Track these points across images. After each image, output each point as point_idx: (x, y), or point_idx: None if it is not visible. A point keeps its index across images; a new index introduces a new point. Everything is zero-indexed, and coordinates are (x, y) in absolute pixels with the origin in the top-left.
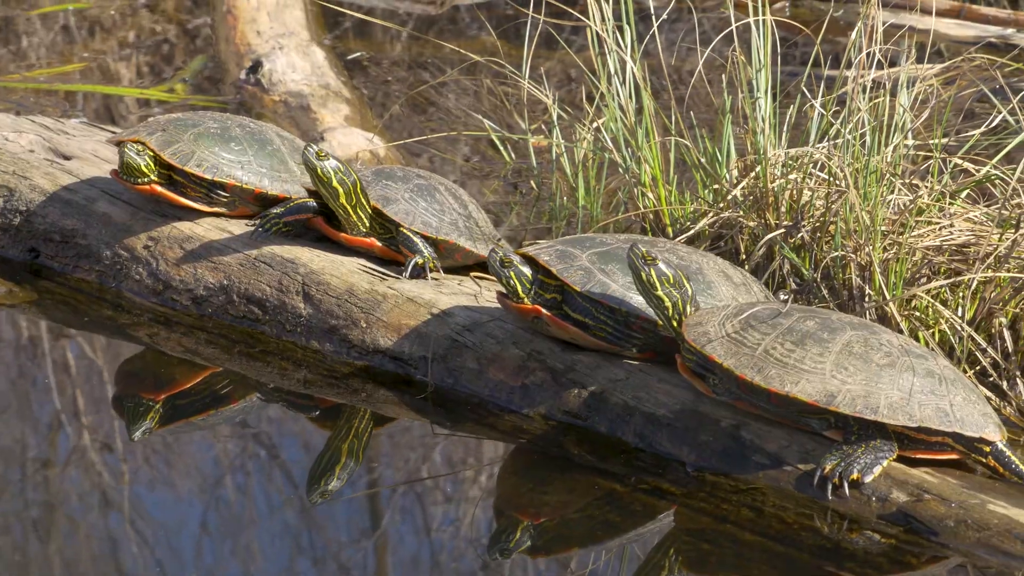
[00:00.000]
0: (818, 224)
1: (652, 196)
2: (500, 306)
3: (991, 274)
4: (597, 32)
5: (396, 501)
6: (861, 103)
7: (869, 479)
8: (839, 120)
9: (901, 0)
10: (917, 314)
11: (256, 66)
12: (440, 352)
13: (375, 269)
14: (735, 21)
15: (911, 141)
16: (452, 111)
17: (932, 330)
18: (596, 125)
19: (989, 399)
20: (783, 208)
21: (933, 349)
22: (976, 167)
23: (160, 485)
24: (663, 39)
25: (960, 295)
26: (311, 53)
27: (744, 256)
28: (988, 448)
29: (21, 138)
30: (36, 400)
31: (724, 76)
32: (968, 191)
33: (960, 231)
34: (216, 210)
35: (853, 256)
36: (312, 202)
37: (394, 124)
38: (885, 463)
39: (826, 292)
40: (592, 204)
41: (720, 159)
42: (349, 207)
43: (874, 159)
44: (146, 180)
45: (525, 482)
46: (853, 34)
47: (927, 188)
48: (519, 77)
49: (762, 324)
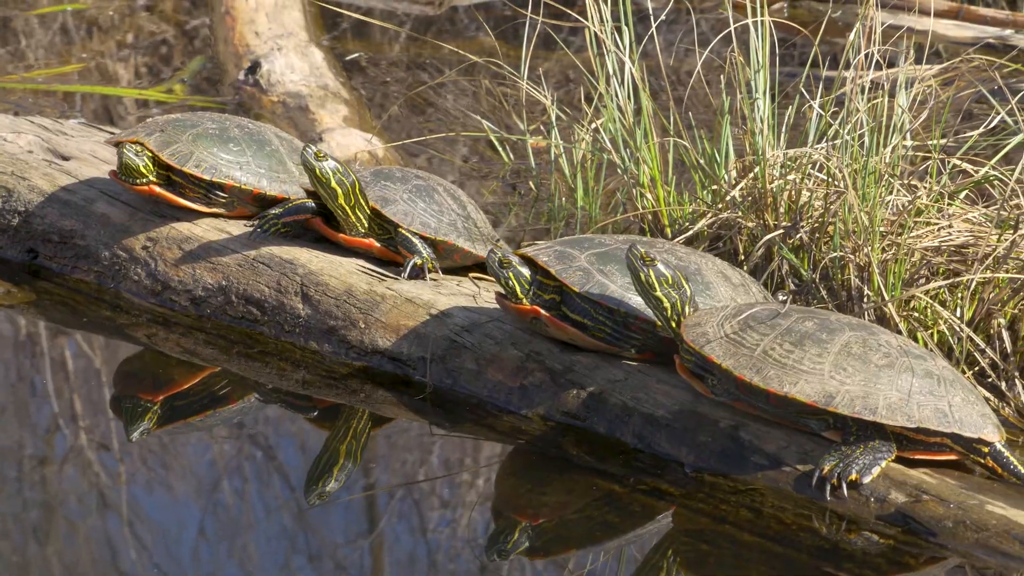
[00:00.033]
0: (817, 225)
1: (651, 197)
2: (499, 307)
3: (990, 275)
4: (595, 33)
5: (394, 502)
6: (860, 104)
7: (868, 480)
8: (838, 121)
9: (899, 1)
10: (916, 315)
11: (254, 67)
12: (439, 353)
13: (374, 270)
14: (733, 22)
15: (909, 142)
16: (450, 112)
17: (931, 331)
18: (595, 126)
19: (988, 400)
20: (782, 209)
21: (932, 350)
22: (975, 168)
23: (158, 486)
24: (661, 40)
25: (959, 296)
26: (309, 54)
27: (743, 257)
28: (987, 449)
29: (19, 139)
30: (35, 401)
31: (722, 77)
32: (967, 192)
33: (959, 232)
34: (215, 211)
35: (852, 257)
36: (311, 203)
37: (392, 125)
38: (884, 464)
39: (825, 293)
40: (591, 205)
41: (719, 160)
42: (348, 208)
43: (873, 160)
44: (145, 181)
45: (524, 483)
46: (851, 35)
47: (926, 189)
48: (517, 78)
49: (761, 325)
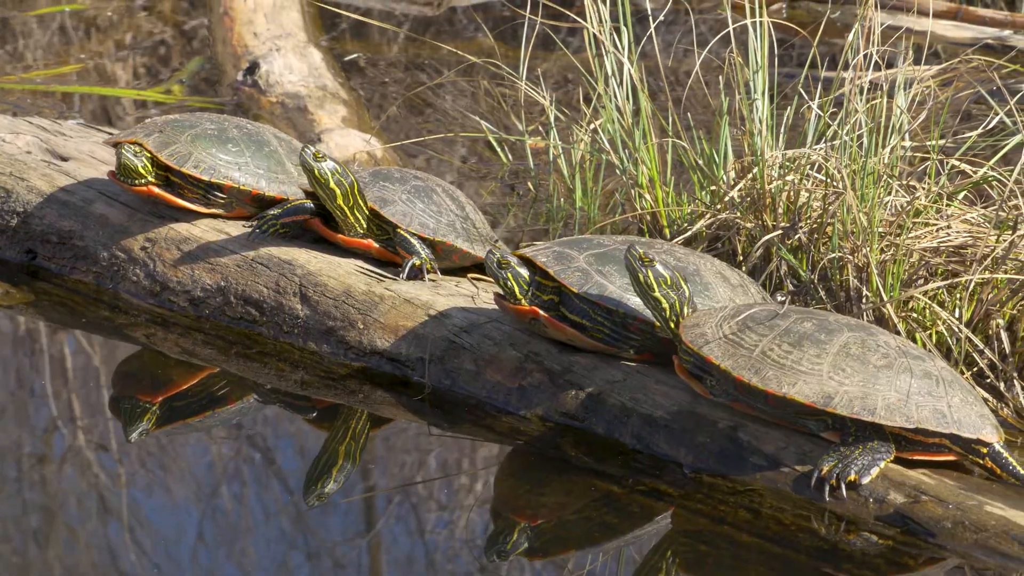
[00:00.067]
0: (815, 225)
1: (649, 197)
2: (497, 307)
3: (988, 275)
4: (594, 34)
5: (393, 503)
6: (858, 104)
7: (866, 480)
8: (836, 122)
9: (898, 2)
10: (914, 315)
11: (253, 67)
12: (437, 353)
13: (372, 270)
14: (732, 23)
15: (908, 143)
16: (449, 112)
17: (929, 331)
18: (593, 126)
19: (986, 400)
20: (780, 209)
21: (930, 350)
22: (973, 169)
23: (157, 487)
24: (660, 41)
25: (957, 296)
26: (308, 54)
27: (741, 257)
28: (985, 449)
29: (18, 139)
30: (33, 401)
31: (721, 78)
32: (965, 192)
33: (957, 233)
34: (213, 211)
35: (850, 257)
36: (309, 203)
37: (391, 125)
38: (882, 464)
39: (823, 293)
40: (589, 205)
41: (717, 160)
42: (346, 208)
43: (871, 160)
44: (143, 181)
45: (522, 483)
46: (850, 35)
47: (924, 190)
48: (516, 78)
49: (759, 326)
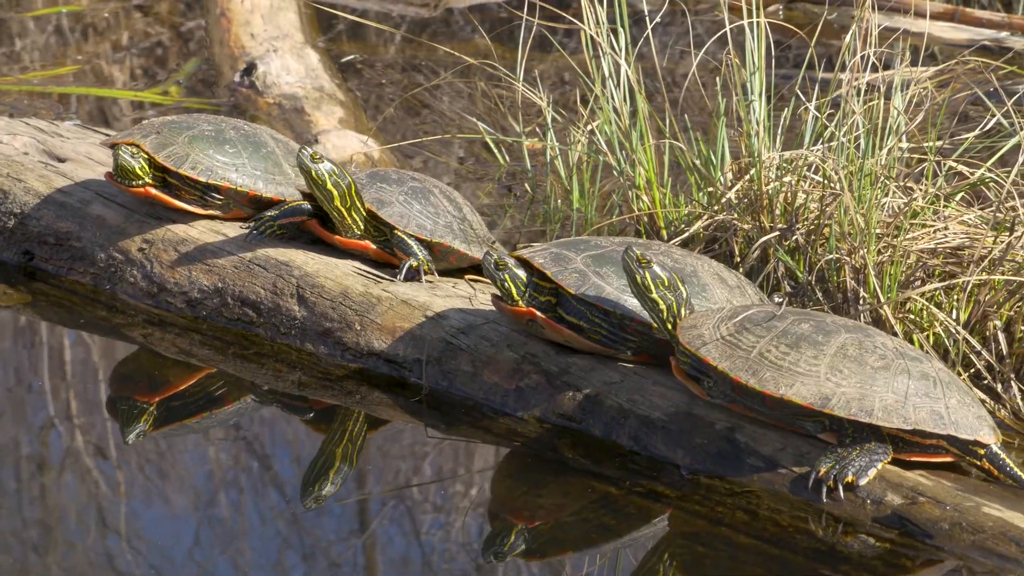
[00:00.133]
0: (812, 227)
1: (646, 199)
2: (495, 309)
3: (985, 277)
4: (591, 35)
5: (390, 505)
6: (855, 106)
7: (864, 482)
8: (833, 123)
9: (895, 3)
10: (912, 317)
11: (250, 68)
12: (434, 355)
13: (369, 272)
14: (729, 24)
15: (905, 144)
16: (446, 114)
17: (927, 333)
18: (590, 128)
19: (984, 402)
20: (777, 211)
21: (928, 352)
22: (970, 170)
23: (154, 488)
24: (657, 42)
25: (955, 298)
26: (305, 55)
27: (739, 259)
28: (983, 451)
29: (15, 140)
30: (31, 402)
31: (718, 79)
32: (962, 194)
33: (954, 234)
34: (210, 213)
35: (848, 259)
36: (306, 205)
37: (388, 126)
38: (880, 466)
39: (820, 295)
40: (586, 207)
41: (715, 162)
42: (344, 210)
43: (868, 162)
44: (140, 183)
45: (519, 485)
46: (847, 37)
47: (921, 191)
48: (513, 80)
49: (757, 327)
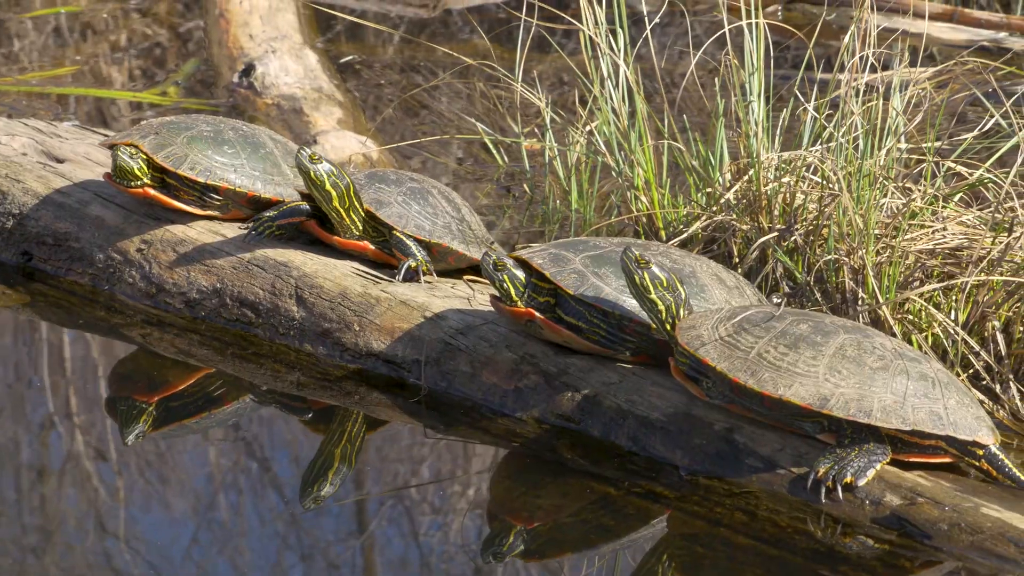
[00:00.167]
0: (811, 227)
1: (645, 200)
2: (493, 309)
3: (984, 277)
4: (590, 36)
5: (388, 505)
6: (854, 107)
7: (862, 483)
8: (832, 123)
9: (894, 4)
10: (910, 317)
11: (249, 69)
12: (433, 355)
13: (368, 272)
14: (728, 24)
15: (904, 145)
16: (445, 114)
17: (925, 333)
18: (589, 128)
19: (982, 402)
20: (776, 211)
21: (926, 352)
22: (969, 171)
23: (152, 489)
24: (655, 43)
25: (953, 298)
26: (304, 56)
27: (737, 259)
28: (981, 451)
29: (14, 141)
30: (29, 403)
31: (717, 80)
32: (961, 195)
33: (953, 234)
34: (209, 213)
35: (846, 259)
36: (305, 205)
37: (387, 127)
38: (878, 467)
39: (819, 295)
40: (585, 208)
41: (713, 162)
42: (342, 210)
43: (867, 163)
44: (139, 183)
45: (518, 486)
46: (846, 38)
47: (920, 192)
48: (512, 80)
49: (755, 327)
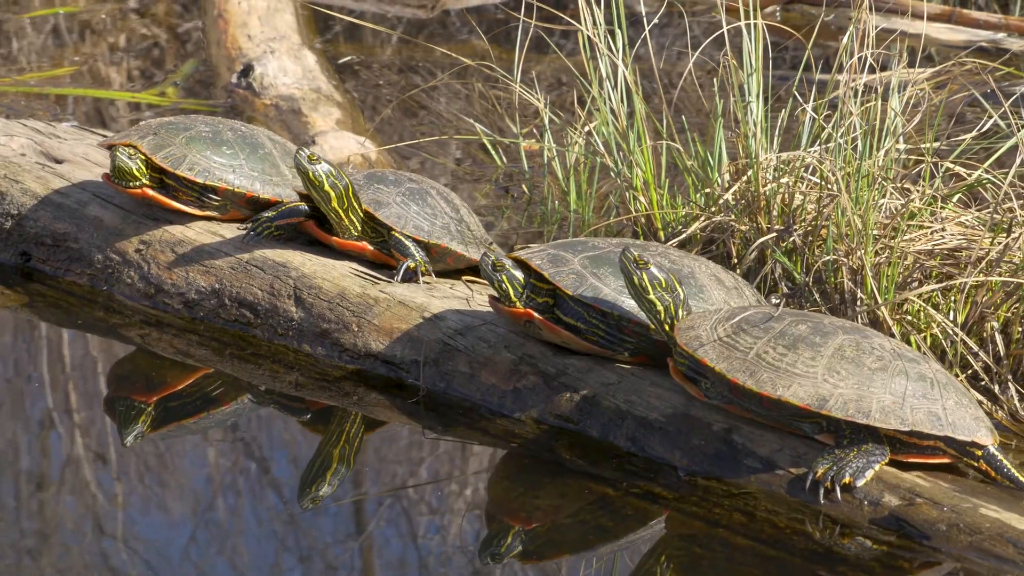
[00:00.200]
0: (810, 228)
1: (644, 200)
2: (492, 310)
3: (983, 278)
4: (588, 36)
5: (387, 506)
6: (852, 107)
7: (861, 483)
8: (831, 124)
9: (892, 5)
10: (909, 318)
11: (247, 70)
12: (432, 356)
13: (367, 273)
14: (726, 25)
15: (902, 145)
16: (443, 115)
17: (924, 334)
18: (588, 129)
19: (981, 403)
20: (775, 212)
21: (925, 353)
22: (967, 171)
23: (151, 489)
24: (654, 43)
25: (952, 299)
26: (302, 57)
27: (736, 260)
28: (980, 452)
29: (12, 142)
30: (27, 403)
31: (715, 80)
32: (959, 195)
33: (952, 235)
34: (208, 214)
35: (845, 260)
36: (304, 206)
37: (385, 128)
38: (877, 467)
39: (818, 296)
40: (584, 208)
41: (712, 163)
42: (341, 211)
43: (866, 163)
44: (138, 184)
45: (517, 486)
46: (844, 38)
47: (919, 192)
48: (510, 81)
49: (754, 328)
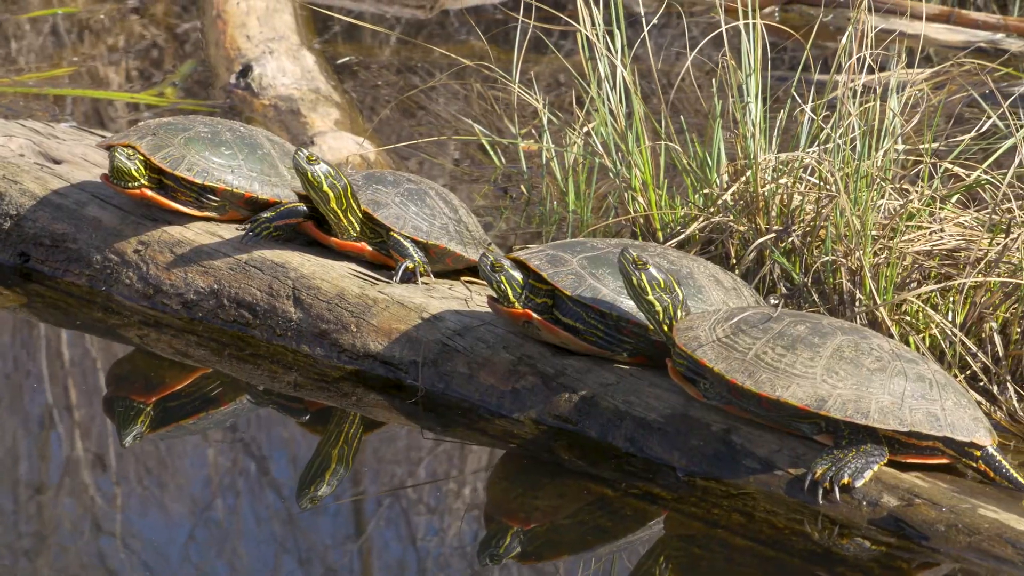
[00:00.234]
0: (808, 229)
1: (642, 201)
2: (491, 310)
3: (981, 279)
4: (587, 36)
5: (385, 506)
6: (851, 108)
7: (860, 484)
8: (829, 125)
9: (891, 5)
10: (908, 319)
11: (246, 70)
12: (431, 356)
13: (365, 273)
14: (725, 26)
15: (901, 146)
16: (442, 115)
17: (923, 335)
18: (586, 129)
19: (979, 404)
20: (773, 213)
21: (924, 354)
22: (966, 172)
23: (149, 489)
24: (652, 44)
25: (950, 300)
26: (301, 57)
27: (734, 261)
28: (979, 452)
29: (11, 142)
30: (26, 403)
31: (714, 81)
32: (958, 196)
33: (950, 236)
34: (206, 214)
35: (843, 261)
36: (302, 206)
37: (384, 128)
38: (876, 467)
39: (816, 297)
40: (582, 209)
41: (710, 164)
42: (339, 211)
43: (864, 164)
44: (136, 184)
45: (515, 487)
46: (843, 39)
47: (917, 193)
48: (509, 81)
49: (753, 328)
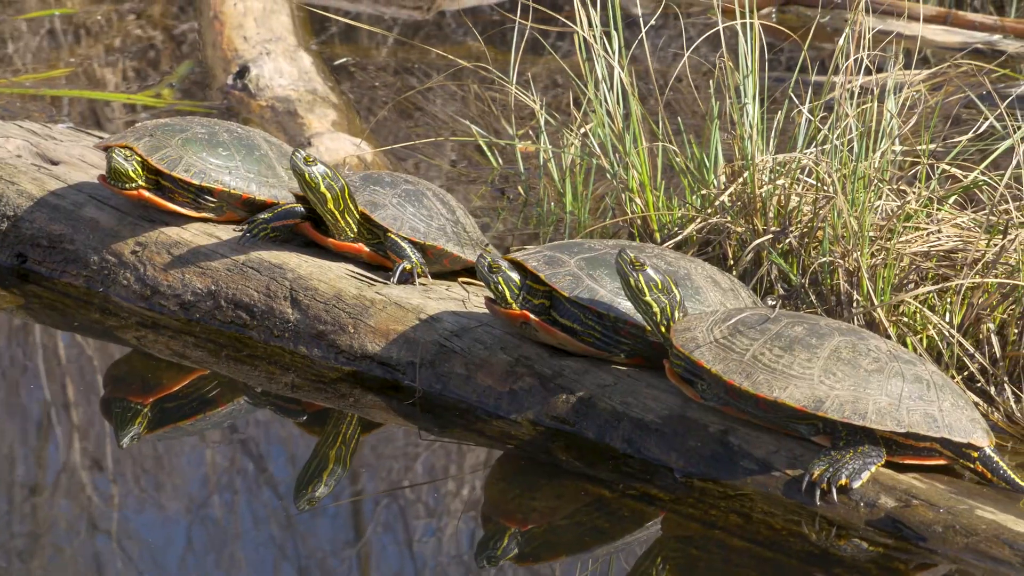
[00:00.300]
0: (806, 230)
1: (640, 202)
2: (488, 312)
3: (979, 280)
4: (584, 37)
5: (383, 508)
6: (848, 109)
7: (857, 485)
8: (827, 126)
9: (888, 6)
10: (905, 320)
11: (243, 71)
12: (428, 357)
13: (363, 274)
14: (722, 27)
15: (898, 147)
16: (439, 116)
17: (920, 336)
18: (583, 130)
19: (977, 404)
20: (771, 214)
21: (921, 354)
22: (963, 173)
23: (147, 490)
24: (650, 45)
25: (948, 301)
26: (298, 58)
27: (732, 262)
28: (976, 453)
29: (8, 143)
30: (23, 405)
31: (711, 82)
32: (955, 197)
33: (948, 237)
34: (204, 215)
35: (841, 262)
36: (300, 207)
37: (381, 129)
38: (873, 469)
39: (814, 298)
40: (580, 210)
41: (708, 165)
42: (337, 212)
43: (862, 165)
44: (134, 185)
45: (513, 488)
46: (840, 40)
47: (915, 194)
48: (506, 82)
49: (750, 330)
